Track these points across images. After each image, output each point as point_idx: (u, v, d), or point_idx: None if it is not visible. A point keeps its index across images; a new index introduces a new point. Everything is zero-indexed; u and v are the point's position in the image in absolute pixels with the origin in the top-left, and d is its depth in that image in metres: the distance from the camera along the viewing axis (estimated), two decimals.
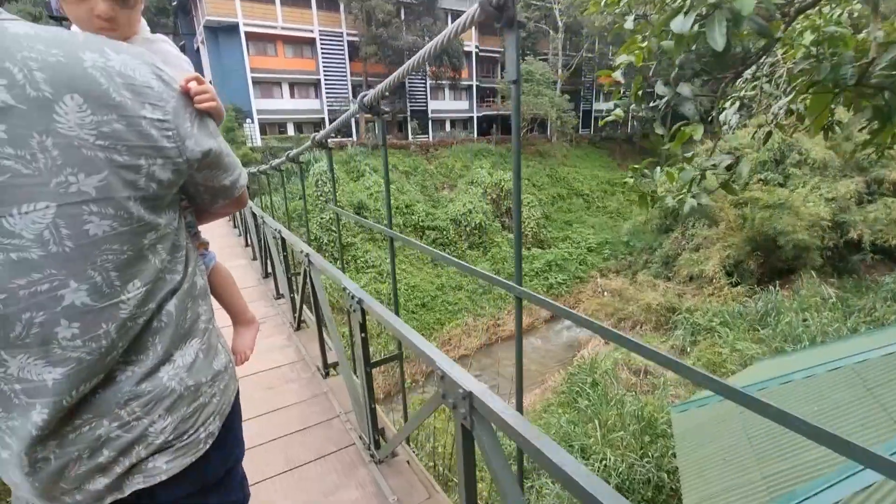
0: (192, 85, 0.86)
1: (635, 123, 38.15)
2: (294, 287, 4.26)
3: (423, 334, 8.50)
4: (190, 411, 0.89)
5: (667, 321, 13.29)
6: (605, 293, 16.76)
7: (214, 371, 0.96)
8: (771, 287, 12.98)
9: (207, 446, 0.93)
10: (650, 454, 7.06)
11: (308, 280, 3.11)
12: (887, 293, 11.21)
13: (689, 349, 10.99)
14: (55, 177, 0.66)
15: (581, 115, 32.67)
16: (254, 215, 6.20)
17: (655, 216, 18.68)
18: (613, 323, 15.32)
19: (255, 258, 6.73)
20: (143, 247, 0.78)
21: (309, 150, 3.89)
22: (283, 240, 4.27)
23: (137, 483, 0.84)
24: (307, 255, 3.01)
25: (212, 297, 1.12)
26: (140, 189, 0.75)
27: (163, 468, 0.86)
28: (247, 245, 7.66)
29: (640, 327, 14.40)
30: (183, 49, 28.15)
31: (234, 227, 9.59)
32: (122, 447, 0.80)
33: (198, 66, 27.98)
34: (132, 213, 0.75)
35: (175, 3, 29.41)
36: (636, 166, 2.67)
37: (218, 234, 9.22)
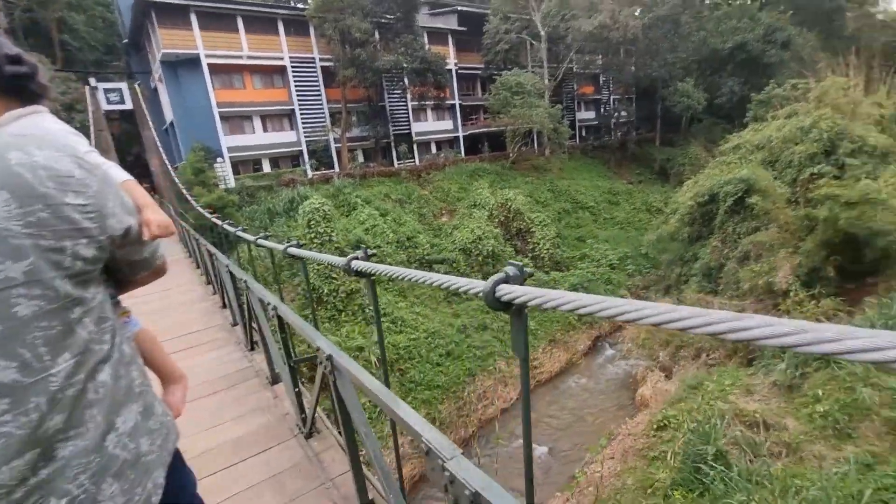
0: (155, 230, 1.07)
1: (618, 133, 37.23)
2: (244, 313, 4.64)
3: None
4: (135, 473, 0.93)
5: (746, 347, 11.29)
6: None
7: (152, 429, 1.01)
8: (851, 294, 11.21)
9: (158, 496, 0.99)
10: None
11: (248, 303, 4.14)
12: None
13: (800, 384, 8.95)
14: None
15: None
16: (210, 254, 6.72)
17: (685, 224, 16.98)
18: (671, 352, 13.28)
19: (214, 292, 7.45)
20: (71, 321, 0.82)
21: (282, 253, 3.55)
22: (232, 273, 4.67)
23: None
24: (245, 281, 4.04)
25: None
26: (66, 268, 0.80)
27: None
28: (208, 283, 8.17)
29: (707, 355, 12.35)
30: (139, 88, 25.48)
31: (197, 266, 9.87)
32: None
33: (156, 106, 25.45)
34: (59, 290, 0.79)
35: (126, 41, 26.95)
36: None
37: (177, 271, 9.69)
